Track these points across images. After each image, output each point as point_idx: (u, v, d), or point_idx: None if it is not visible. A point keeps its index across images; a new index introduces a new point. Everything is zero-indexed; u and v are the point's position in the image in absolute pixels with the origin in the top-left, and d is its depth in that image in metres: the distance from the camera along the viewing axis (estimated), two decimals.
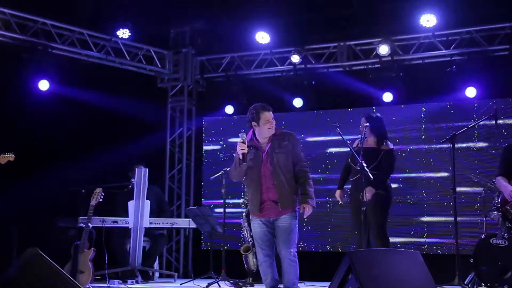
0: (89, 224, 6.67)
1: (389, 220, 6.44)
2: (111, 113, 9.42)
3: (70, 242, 8.31)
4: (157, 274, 8.04)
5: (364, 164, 5.66)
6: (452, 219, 7.82)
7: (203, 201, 9.49)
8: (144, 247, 7.57)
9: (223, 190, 6.94)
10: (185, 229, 8.95)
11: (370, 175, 5.61)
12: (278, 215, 5.06)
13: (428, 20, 7.91)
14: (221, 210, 7.61)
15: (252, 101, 9.05)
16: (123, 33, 8.51)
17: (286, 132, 5.28)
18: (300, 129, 8.78)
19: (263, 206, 5.10)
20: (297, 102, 8.86)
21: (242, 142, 5.03)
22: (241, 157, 5.00)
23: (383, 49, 8.18)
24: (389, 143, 6.70)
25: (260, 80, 9.33)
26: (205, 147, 9.63)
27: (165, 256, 9.13)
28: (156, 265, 7.98)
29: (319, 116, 8.94)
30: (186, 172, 9.54)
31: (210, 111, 9.65)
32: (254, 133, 5.23)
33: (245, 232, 6.93)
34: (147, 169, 7.47)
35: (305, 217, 5.10)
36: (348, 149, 6.16)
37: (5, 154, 5.78)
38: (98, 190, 6.83)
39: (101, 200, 6.82)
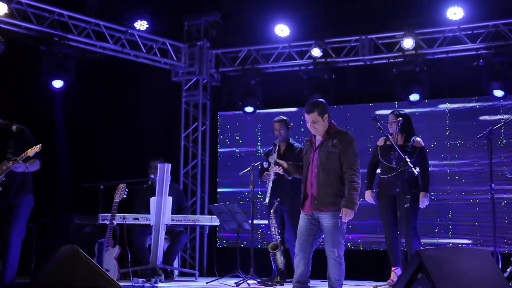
0: (114, 221, 6.43)
1: None
2: (124, 108, 9.23)
3: (86, 240, 8.14)
4: (176, 273, 7.83)
5: (408, 160, 5.52)
6: (476, 217, 7.80)
7: (218, 197, 9.31)
8: None
9: (251, 186, 6.71)
10: (201, 226, 8.73)
11: (415, 171, 5.48)
12: (319, 213, 5.01)
13: (455, 12, 7.74)
14: None
15: (269, 95, 9.02)
16: (141, 24, 8.27)
17: (341, 130, 5.16)
18: None
19: (305, 201, 5.12)
20: (316, 97, 8.65)
21: (275, 165, 5.30)
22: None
23: (408, 43, 8.00)
24: (420, 139, 6.58)
25: (277, 74, 9.13)
26: (220, 143, 9.43)
27: (179, 253, 8.90)
28: (175, 263, 7.78)
29: (339, 111, 8.76)
30: (201, 168, 9.32)
31: (225, 105, 9.43)
32: None
33: (273, 229, 6.74)
34: (170, 164, 7.24)
35: (344, 221, 4.97)
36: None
37: (34, 146, 5.49)
38: (122, 186, 6.61)
39: (125, 196, 6.60)
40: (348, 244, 8.36)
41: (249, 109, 8.95)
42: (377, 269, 7.59)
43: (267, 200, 6.70)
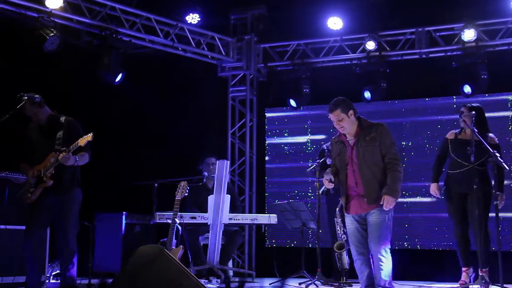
0: (176, 220, 6.20)
1: None
2: (170, 105, 9.03)
3: (137, 239, 7.95)
4: (231, 273, 7.60)
5: (498, 155, 5.28)
6: None
7: (267, 195, 9.08)
8: None
9: (316, 184, 6.47)
10: (250, 225, 8.50)
11: (506, 166, 5.24)
12: (367, 210, 4.84)
13: None
14: None
15: (320, 91, 8.77)
16: (192, 18, 8.06)
17: (375, 123, 5.01)
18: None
19: (350, 202, 4.94)
20: (370, 92, 8.39)
21: (329, 181, 5.00)
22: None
23: (469, 34, 7.72)
24: (493, 136, 6.32)
25: (328, 68, 8.88)
26: (268, 140, 9.20)
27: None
28: (229, 263, 7.56)
29: (393, 106, 8.51)
30: (249, 166, 9.09)
31: (272, 101, 9.20)
32: None
33: (338, 228, 6.50)
34: (228, 161, 7.01)
35: (385, 208, 4.78)
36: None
37: (85, 136, 5.25)
38: (183, 183, 6.39)
39: (186, 194, 6.37)
40: (405, 243, 8.12)
41: (292, 102, 8.68)
42: (433, 269, 7.36)
43: (321, 190, 6.54)
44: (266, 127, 9.21)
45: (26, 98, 5.21)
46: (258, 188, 9.11)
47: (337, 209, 6.51)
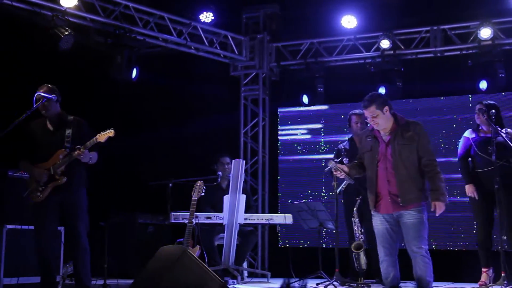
0: (193, 220, 6.14)
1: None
2: (181, 104, 8.99)
3: (149, 239, 7.90)
4: (245, 273, 7.54)
5: None
6: None
7: (280, 195, 9.01)
8: None
9: (334, 183, 6.40)
10: (263, 225, 8.43)
11: None
12: (401, 211, 4.68)
13: None
14: None
15: (333, 90, 8.70)
16: (206, 16, 8.00)
17: (412, 121, 4.84)
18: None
19: (379, 201, 4.78)
20: (383, 90, 8.31)
21: (336, 170, 4.86)
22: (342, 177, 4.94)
23: (485, 33, 7.64)
24: (510, 130, 6.24)
25: (341, 67, 8.81)
26: (280, 139, 9.13)
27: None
28: (244, 264, 7.50)
29: (408, 105, 8.42)
30: (262, 165, 9.03)
31: (284, 100, 9.15)
32: None
33: (356, 228, 6.43)
34: (244, 160, 6.96)
35: (437, 215, 4.68)
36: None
37: (104, 132, 5.17)
38: (200, 183, 6.33)
39: (203, 194, 6.31)
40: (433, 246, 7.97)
41: (305, 99, 8.61)
42: (450, 269, 7.29)
43: (338, 190, 6.46)
44: (279, 126, 9.15)
45: (42, 95, 5.13)
46: (270, 187, 9.05)
47: (355, 209, 6.46)
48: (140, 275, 4.40)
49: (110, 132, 5.09)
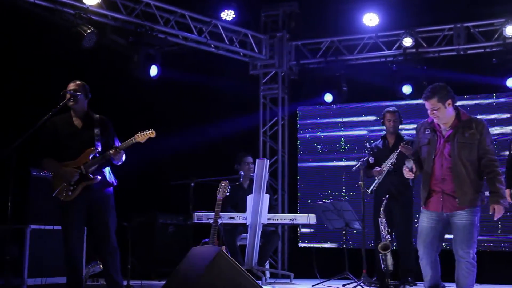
0: (218, 220, 6.06)
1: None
2: (202, 103, 8.91)
3: (170, 240, 7.83)
4: (267, 274, 7.45)
5: None
6: None
7: (299, 195, 8.92)
8: None
9: (361, 183, 6.29)
10: (283, 225, 8.34)
11: None
12: (453, 211, 4.48)
13: None
14: None
15: (353, 88, 8.61)
16: (227, 14, 7.92)
17: (475, 119, 4.59)
18: (408, 119, 8.14)
19: (431, 198, 4.56)
20: (407, 89, 8.22)
21: (410, 171, 4.59)
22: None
23: (511, 30, 7.54)
24: None
25: (361, 66, 8.72)
26: (300, 139, 9.04)
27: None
28: (267, 264, 7.41)
29: None
30: (281, 165, 8.94)
31: (304, 99, 9.06)
32: None
33: (383, 228, 6.32)
34: (268, 160, 6.87)
35: (495, 219, 4.49)
36: None
37: (144, 132, 5.03)
38: (224, 183, 6.23)
39: (228, 193, 6.23)
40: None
41: (329, 98, 8.53)
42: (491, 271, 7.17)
43: (370, 189, 6.36)
44: (298, 125, 9.05)
45: (72, 89, 5.05)
46: (290, 187, 8.96)
47: (381, 208, 6.35)
48: (173, 276, 4.32)
49: (151, 133, 4.98)
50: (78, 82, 5.11)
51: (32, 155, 5.27)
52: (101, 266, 6.66)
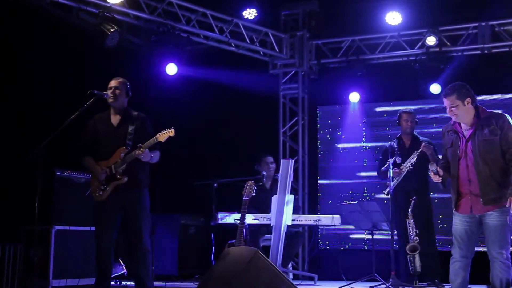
0: (245, 221, 5.97)
1: None
2: (220, 102, 8.84)
3: (191, 241, 7.75)
4: (290, 275, 7.37)
5: None
6: None
7: (319, 196, 8.83)
8: None
9: (389, 183, 6.19)
10: (303, 226, 8.24)
11: None
12: (483, 212, 4.39)
13: None
14: None
15: (375, 87, 8.51)
16: (249, 13, 7.85)
17: (495, 113, 4.52)
18: (431, 119, 8.06)
19: (461, 200, 4.48)
20: (434, 89, 8.10)
21: (434, 173, 4.54)
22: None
23: None
24: None
25: (383, 65, 8.62)
26: (320, 139, 8.95)
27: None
28: (290, 266, 7.33)
29: None
30: (302, 166, 8.84)
31: (324, 99, 8.98)
32: None
33: (411, 230, 6.24)
34: (293, 160, 6.78)
35: None
36: None
37: (164, 131, 4.97)
38: (250, 183, 6.13)
39: (254, 194, 6.14)
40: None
41: (354, 97, 8.47)
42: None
43: (386, 191, 6.26)
44: (318, 125, 8.97)
45: (113, 86, 5.00)
46: (310, 188, 8.87)
47: (409, 209, 6.27)
48: (207, 276, 4.24)
49: (171, 132, 4.92)
50: (120, 80, 5.06)
51: (73, 154, 5.23)
52: (124, 267, 6.60)
